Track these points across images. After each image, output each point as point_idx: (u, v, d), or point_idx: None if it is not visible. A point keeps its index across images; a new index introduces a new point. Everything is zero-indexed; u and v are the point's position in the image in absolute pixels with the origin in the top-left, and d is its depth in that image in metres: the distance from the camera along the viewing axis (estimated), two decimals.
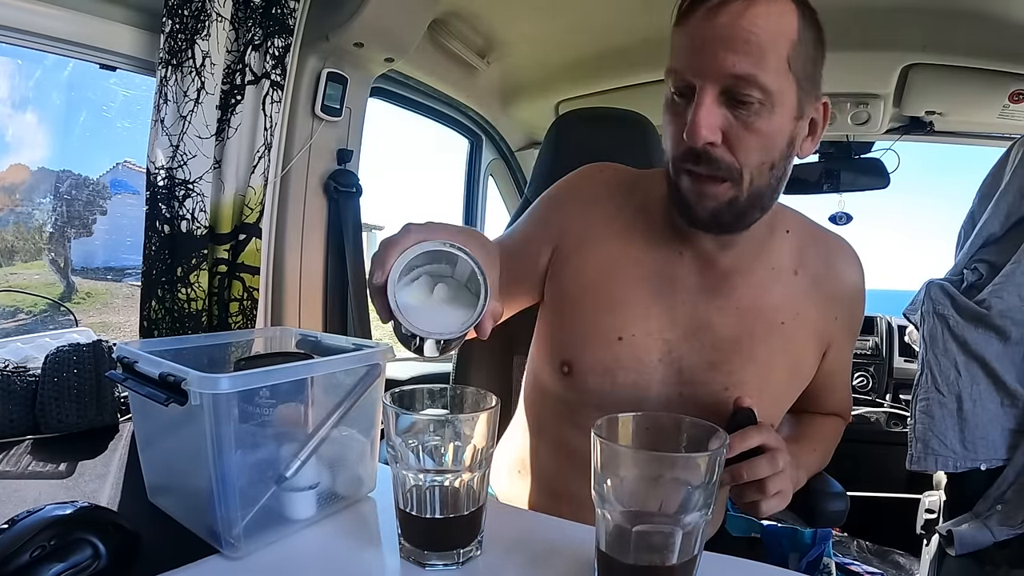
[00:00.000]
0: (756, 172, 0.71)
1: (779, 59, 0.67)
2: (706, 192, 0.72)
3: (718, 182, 0.71)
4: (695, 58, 0.68)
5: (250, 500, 0.58)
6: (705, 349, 0.81)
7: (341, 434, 0.67)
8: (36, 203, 1.64)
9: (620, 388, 0.82)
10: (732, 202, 0.72)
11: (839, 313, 0.87)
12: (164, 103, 1.11)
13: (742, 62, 0.66)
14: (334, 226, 1.51)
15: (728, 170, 0.70)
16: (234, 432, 0.55)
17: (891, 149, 2.12)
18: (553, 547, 0.61)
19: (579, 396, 0.85)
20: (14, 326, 1.45)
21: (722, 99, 0.68)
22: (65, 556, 0.50)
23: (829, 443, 0.98)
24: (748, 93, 0.67)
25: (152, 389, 0.57)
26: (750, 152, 0.70)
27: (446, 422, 0.57)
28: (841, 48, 1.71)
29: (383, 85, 1.76)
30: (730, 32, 0.66)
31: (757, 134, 0.69)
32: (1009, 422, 1.40)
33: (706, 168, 0.71)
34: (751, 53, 0.66)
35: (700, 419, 0.54)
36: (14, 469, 0.78)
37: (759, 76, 0.66)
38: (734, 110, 0.68)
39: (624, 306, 0.83)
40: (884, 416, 2.35)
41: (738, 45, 0.65)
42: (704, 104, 0.67)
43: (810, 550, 0.95)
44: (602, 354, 0.82)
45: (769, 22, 0.66)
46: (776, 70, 0.67)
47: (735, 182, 0.71)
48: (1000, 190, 1.45)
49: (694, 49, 0.69)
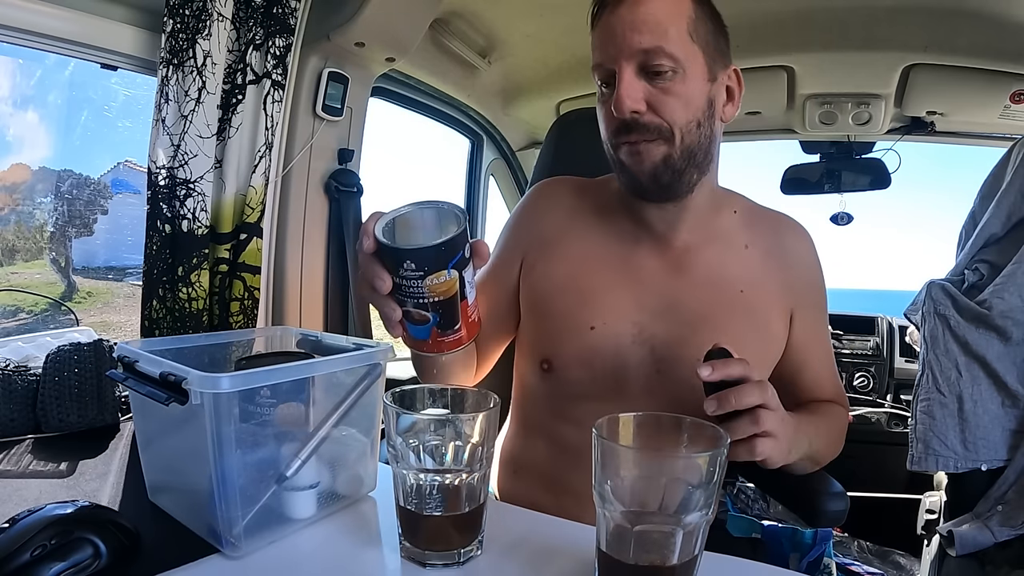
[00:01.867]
0: (685, 129, 0.79)
1: (680, 31, 0.77)
2: (643, 152, 0.80)
3: (652, 142, 0.79)
4: (609, 47, 0.78)
5: (250, 499, 0.58)
6: (675, 326, 0.86)
7: (341, 434, 0.67)
8: (37, 202, 1.64)
9: (600, 375, 0.86)
10: (667, 159, 0.80)
11: (794, 282, 0.92)
12: (165, 102, 1.11)
13: (646, 38, 0.76)
14: (335, 226, 1.51)
15: (659, 130, 0.79)
16: (234, 431, 0.55)
17: (892, 149, 2.12)
18: (553, 547, 0.61)
19: (563, 389, 0.89)
20: (15, 325, 1.45)
21: (640, 74, 0.77)
22: (66, 555, 0.50)
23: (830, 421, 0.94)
24: (659, 63, 0.76)
25: (152, 388, 0.57)
26: (675, 112, 0.78)
27: (447, 422, 0.57)
28: (842, 48, 1.71)
29: (384, 85, 1.76)
30: (632, 16, 0.76)
31: (677, 96, 0.78)
32: (1010, 422, 1.40)
33: (638, 135, 0.79)
34: (653, 30, 0.76)
35: (702, 419, 0.54)
36: (15, 468, 0.78)
37: (665, 46, 0.76)
38: (652, 81, 0.77)
39: (593, 298, 0.88)
40: (885, 416, 2.35)
41: (641, 25, 0.76)
42: (624, 79, 0.77)
43: (811, 550, 0.95)
44: (577, 345, 0.87)
45: (664, 4, 0.77)
46: (679, 40, 0.77)
47: (667, 140, 0.79)
48: (1001, 190, 1.45)
49: (607, 40, 0.78)
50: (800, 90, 1.96)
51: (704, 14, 0.80)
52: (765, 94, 2.00)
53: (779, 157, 2.56)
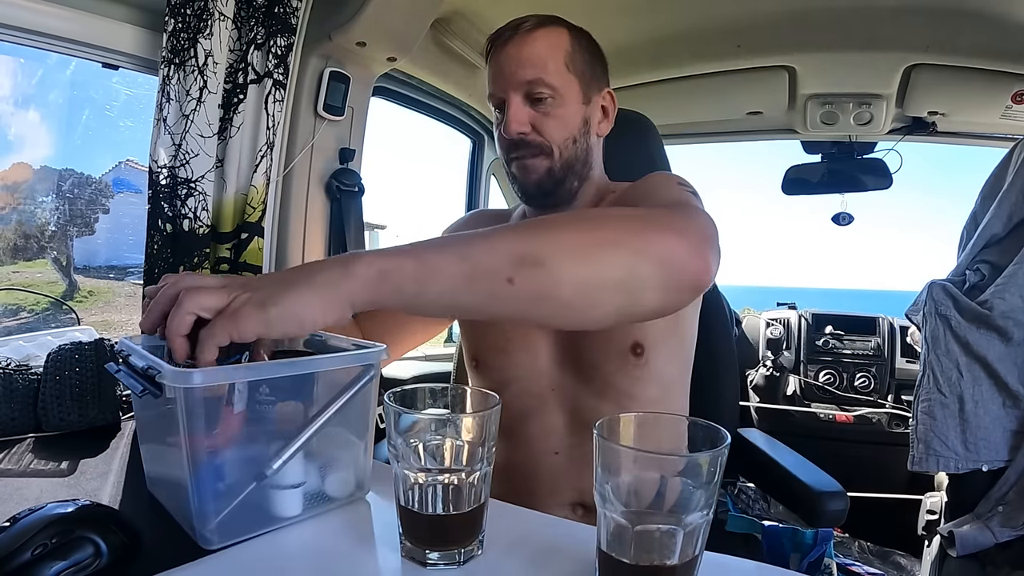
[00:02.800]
0: (563, 145, 0.93)
1: (557, 64, 0.91)
2: (528, 167, 0.94)
3: (536, 157, 0.93)
4: (500, 79, 0.93)
5: (227, 495, 0.58)
6: None
7: (334, 434, 0.67)
8: (38, 201, 1.64)
9: (515, 358, 0.99)
10: (550, 171, 0.94)
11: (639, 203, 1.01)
12: (167, 102, 1.12)
13: (528, 71, 0.90)
14: (336, 225, 1.51)
15: (540, 147, 0.93)
16: (207, 426, 0.55)
17: (894, 149, 2.12)
18: (554, 546, 0.61)
19: (491, 379, 1.02)
20: (16, 324, 1.46)
21: (526, 101, 0.92)
22: (66, 554, 0.50)
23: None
24: (540, 91, 0.91)
25: (134, 381, 0.58)
26: (554, 131, 0.93)
27: (447, 421, 0.57)
28: (844, 48, 1.71)
29: (385, 84, 1.76)
30: (517, 54, 0.91)
31: (555, 118, 0.92)
32: (1011, 423, 1.40)
33: (526, 151, 0.93)
34: (535, 64, 0.90)
35: (702, 419, 0.54)
36: (16, 467, 0.78)
37: (544, 78, 0.90)
38: (535, 107, 0.92)
39: None
40: (886, 417, 2.35)
41: (525, 61, 0.91)
42: (512, 105, 0.91)
43: (811, 550, 0.95)
44: (493, 338, 1.01)
45: (544, 42, 0.92)
46: (556, 72, 0.91)
47: (548, 155, 0.93)
48: (1003, 191, 1.45)
49: (498, 73, 0.93)
50: (801, 90, 1.96)
51: (580, 46, 0.94)
52: (766, 94, 2.00)
53: (780, 158, 2.56)
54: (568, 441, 0.96)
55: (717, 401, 1.19)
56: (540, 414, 0.98)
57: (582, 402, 0.96)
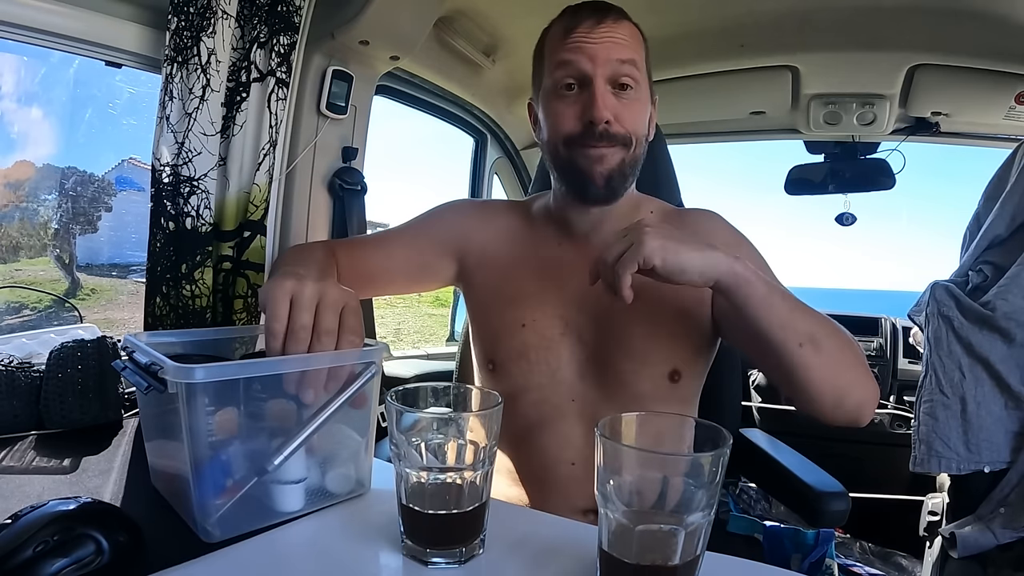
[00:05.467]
0: (637, 141, 0.90)
1: (640, 57, 0.90)
2: (604, 156, 0.88)
3: (612, 147, 0.88)
4: (583, 57, 0.87)
5: (229, 489, 0.58)
6: (595, 314, 0.93)
7: (336, 431, 0.67)
8: (41, 199, 1.64)
9: (536, 367, 0.95)
10: (621, 165, 0.89)
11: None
12: (169, 100, 1.12)
13: (624, 51, 0.87)
14: (339, 224, 1.51)
15: (623, 139, 0.88)
16: (207, 422, 0.56)
17: (897, 150, 2.11)
18: (555, 545, 0.61)
19: (506, 384, 0.96)
20: (19, 322, 1.46)
21: (608, 88, 0.87)
22: (68, 551, 0.50)
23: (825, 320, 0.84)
24: (629, 75, 0.87)
25: (139, 377, 0.59)
26: (636, 123, 0.89)
27: (449, 420, 0.57)
28: (847, 48, 1.71)
29: (388, 83, 1.76)
30: (612, 33, 0.87)
31: (635, 111, 0.89)
32: (1013, 424, 1.40)
33: (605, 142, 0.87)
34: (629, 46, 0.88)
35: (704, 419, 0.54)
36: (18, 464, 0.78)
37: (637, 60, 0.88)
38: (618, 94, 0.88)
39: (522, 298, 0.97)
40: (888, 417, 2.35)
41: (621, 39, 0.87)
42: (599, 87, 0.86)
43: (813, 551, 0.95)
44: (512, 343, 0.96)
45: (633, 34, 0.90)
46: (639, 64, 0.89)
47: (625, 147, 0.89)
48: (1006, 192, 1.45)
49: (586, 46, 0.87)
50: (805, 90, 1.96)
51: (646, 50, 0.93)
52: (769, 94, 2.00)
53: (783, 157, 2.55)
54: (586, 452, 0.93)
55: (719, 401, 1.19)
56: (558, 424, 0.95)
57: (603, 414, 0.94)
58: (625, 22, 0.90)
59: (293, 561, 0.58)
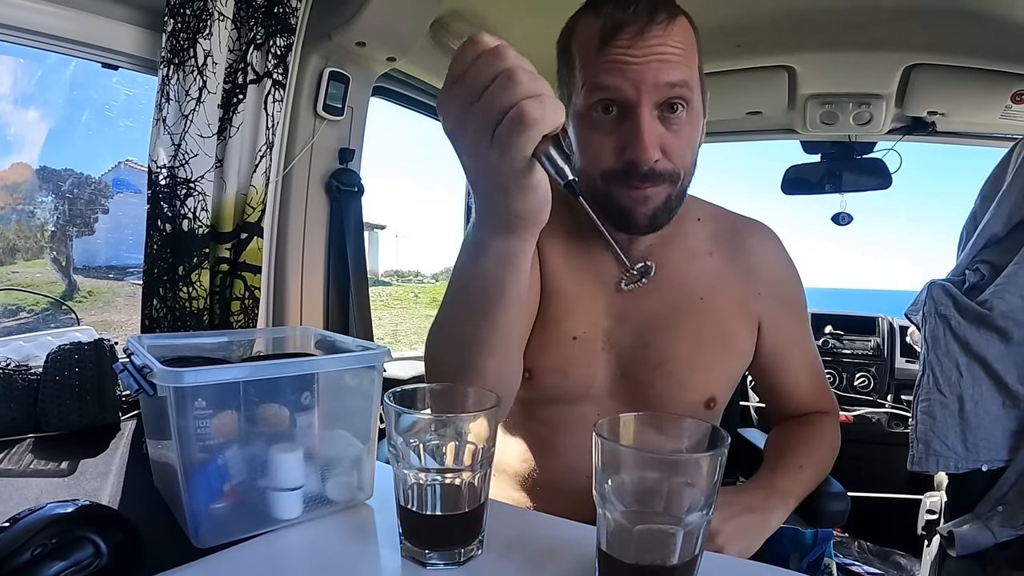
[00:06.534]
0: (687, 172, 0.80)
1: (694, 66, 0.77)
2: (650, 198, 0.78)
3: (658, 186, 0.78)
4: (630, 77, 0.73)
5: (221, 495, 0.58)
6: (636, 331, 0.88)
7: (337, 437, 0.66)
8: (38, 202, 1.64)
9: (573, 382, 0.88)
10: (667, 202, 0.80)
11: (761, 287, 0.92)
12: (166, 102, 1.11)
13: (675, 71, 0.73)
14: (336, 225, 1.51)
15: (671, 175, 0.78)
16: (196, 425, 0.56)
17: (893, 149, 2.12)
18: (554, 546, 0.61)
19: (538, 394, 0.89)
20: (16, 324, 1.46)
21: (655, 113, 0.75)
22: (66, 554, 0.50)
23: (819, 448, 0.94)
24: (680, 98, 0.74)
25: (132, 379, 0.59)
26: (684, 156, 0.78)
27: (448, 421, 0.57)
28: (844, 48, 1.71)
29: (385, 84, 1.76)
30: (662, 48, 0.72)
31: (685, 139, 0.77)
32: (1011, 423, 1.40)
33: (650, 183, 0.77)
34: (681, 63, 0.74)
35: (702, 419, 0.54)
36: (16, 467, 0.78)
37: (689, 81, 0.75)
38: (665, 122, 0.75)
39: (576, 307, 0.89)
40: (885, 416, 2.36)
41: (673, 55, 0.73)
42: (645, 120, 0.73)
43: (811, 550, 0.95)
44: (557, 356, 0.87)
45: (685, 36, 0.75)
46: (694, 76, 0.76)
47: (673, 183, 0.79)
48: (1002, 191, 1.45)
49: (630, 67, 0.73)
50: (801, 90, 1.96)
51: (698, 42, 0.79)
52: (766, 94, 2.00)
53: (780, 157, 2.56)
54: None
55: None
56: (579, 435, 0.89)
57: None
58: (676, 23, 0.75)
59: (290, 563, 0.57)
